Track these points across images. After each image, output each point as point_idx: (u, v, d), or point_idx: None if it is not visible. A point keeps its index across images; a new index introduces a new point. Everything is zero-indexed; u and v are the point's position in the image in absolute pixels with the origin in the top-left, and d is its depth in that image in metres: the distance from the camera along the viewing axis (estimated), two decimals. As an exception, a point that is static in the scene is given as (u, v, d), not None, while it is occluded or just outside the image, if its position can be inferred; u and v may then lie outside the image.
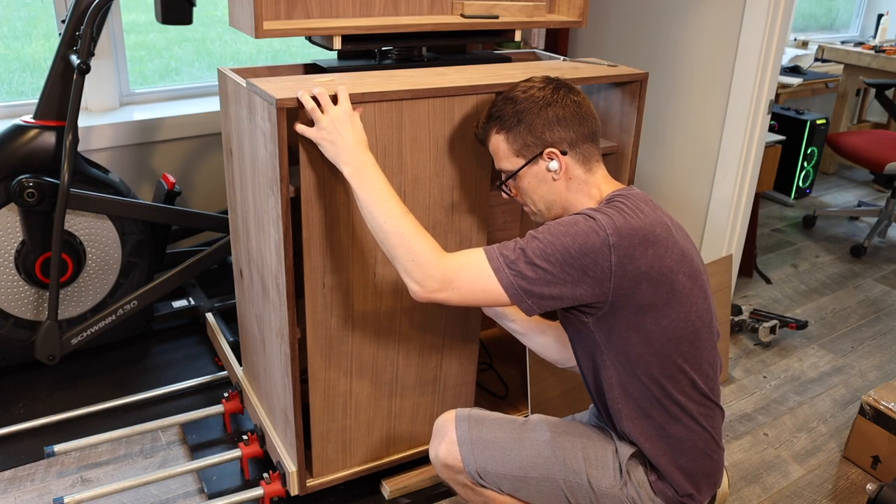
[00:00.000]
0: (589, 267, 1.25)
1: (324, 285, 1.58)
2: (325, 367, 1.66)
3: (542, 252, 1.26)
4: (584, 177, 1.40)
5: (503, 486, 1.43)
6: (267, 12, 1.62)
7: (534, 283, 1.27)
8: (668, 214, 1.38)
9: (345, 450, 1.78)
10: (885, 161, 3.37)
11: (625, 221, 1.27)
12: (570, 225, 1.27)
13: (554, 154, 1.37)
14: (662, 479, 1.39)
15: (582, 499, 1.40)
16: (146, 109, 2.77)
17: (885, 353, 2.68)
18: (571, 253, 1.25)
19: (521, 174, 1.41)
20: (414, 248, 1.31)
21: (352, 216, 1.56)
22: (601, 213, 1.29)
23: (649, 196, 1.39)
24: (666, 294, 1.29)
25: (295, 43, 3.55)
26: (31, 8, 2.98)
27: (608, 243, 1.25)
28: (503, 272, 1.27)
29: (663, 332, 1.31)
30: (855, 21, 5.17)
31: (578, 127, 1.38)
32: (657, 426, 1.37)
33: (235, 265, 1.95)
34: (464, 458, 1.42)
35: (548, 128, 1.37)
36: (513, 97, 1.40)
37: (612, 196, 1.36)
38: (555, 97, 1.38)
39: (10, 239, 2.14)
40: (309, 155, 1.46)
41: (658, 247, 1.28)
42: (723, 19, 2.57)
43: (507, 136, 1.41)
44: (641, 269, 1.26)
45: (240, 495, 1.82)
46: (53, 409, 2.17)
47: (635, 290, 1.27)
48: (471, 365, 1.87)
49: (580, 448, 1.42)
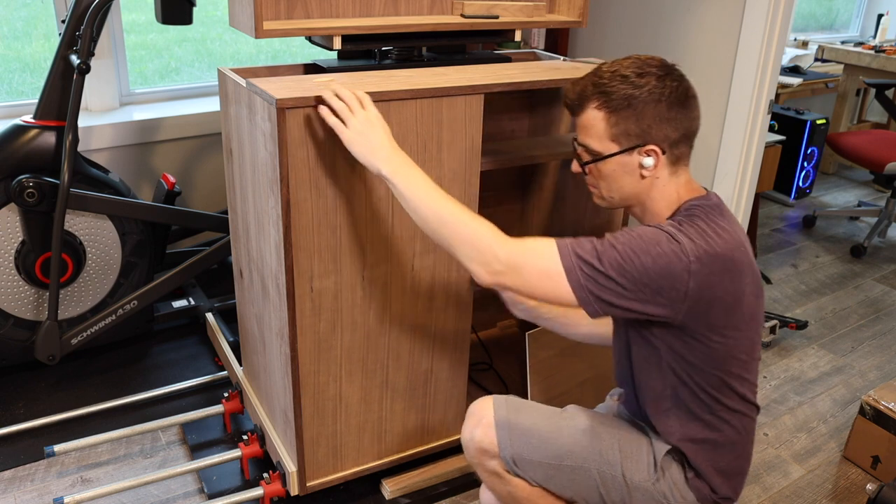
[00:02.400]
0: (665, 289, 1.21)
1: (311, 289, 1.58)
2: (314, 371, 1.66)
3: (618, 264, 1.20)
4: (669, 179, 1.32)
5: (536, 474, 1.41)
6: (267, 12, 1.62)
7: (604, 291, 1.21)
8: (735, 220, 1.34)
9: (335, 454, 1.78)
10: (885, 161, 3.37)
11: (708, 247, 1.22)
12: (653, 244, 1.21)
13: (653, 151, 1.28)
14: (700, 477, 1.39)
15: (614, 491, 1.40)
16: (146, 109, 2.77)
17: (885, 353, 2.68)
18: (649, 273, 1.20)
19: (609, 160, 1.31)
20: (474, 231, 1.24)
21: (339, 219, 1.56)
22: (685, 235, 1.22)
23: (722, 201, 1.33)
24: (736, 316, 1.28)
25: (295, 43, 3.55)
26: (31, 8, 2.98)
27: (688, 269, 1.20)
28: (574, 273, 1.21)
29: (727, 348, 1.30)
30: (855, 21, 5.17)
31: (686, 127, 1.29)
32: (701, 430, 1.37)
33: (235, 265, 1.95)
34: (500, 443, 1.41)
35: (656, 122, 1.26)
36: (627, 77, 1.27)
37: (690, 207, 1.30)
38: (672, 94, 1.27)
39: (10, 239, 2.14)
40: (295, 158, 1.46)
41: (735, 272, 1.25)
42: (723, 19, 2.57)
43: (608, 116, 1.29)
44: (717, 295, 1.23)
45: (240, 495, 1.82)
46: (53, 409, 2.17)
47: (708, 312, 1.25)
48: (462, 367, 1.87)
49: (616, 440, 1.41)
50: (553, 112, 2.14)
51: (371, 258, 1.63)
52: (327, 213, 1.53)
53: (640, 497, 1.39)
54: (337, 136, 1.45)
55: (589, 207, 2.09)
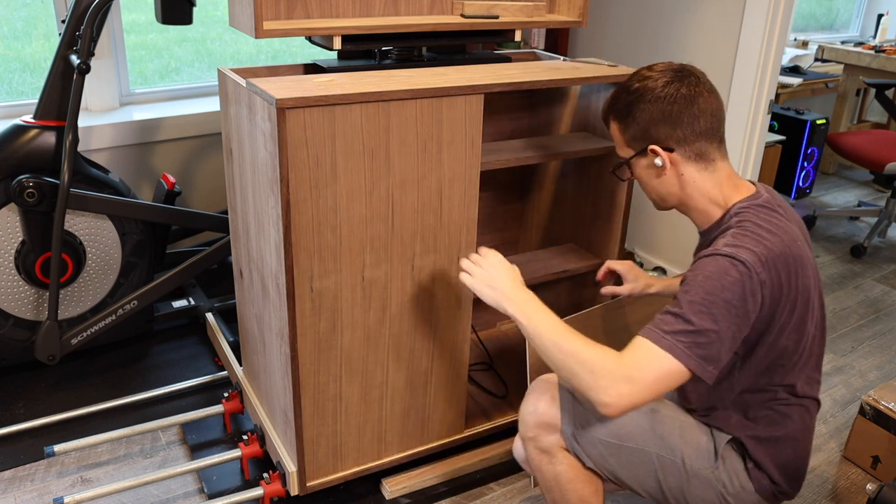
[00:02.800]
0: (751, 310, 1.24)
1: (311, 289, 1.58)
2: (314, 372, 1.66)
3: (709, 315, 1.21)
4: (699, 175, 1.36)
5: (594, 452, 1.41)
6: (267, 12, 1.62)
7: (710, 348, 1.22)
8: (794, 217, 1.37)
9: (335, 454, 1.78)
10: (885, 161, 3.37)
11: (767, 250, 1.25)
12: (722, 275, 1.22)
13: (657, 151, 1.35)
14: (760, 468, 1.40)
15: (671, 476, 1.40)
16: (146, 109, 2.77)
17: (885, 353, 2.68)
18: (735, 304, 1.22)
19: (633, 164, 1.42)
20: (590, 359, 1.25)
21: (339, 219, 1.56)
22: (743, 249, 1.24)
23: (772, 195, 1.37)
24: (803, 313, 1.32)
25: (295, 43, 3.55)
26: (31, 8, 2.98)
27: (760, 281, 1.23)
28: (676, 348, 1.21)
29: (795, 344, 1.33)
30: (855, 21, 5.17)
31: (689, 124, 1.32)
32: (764, 428, 1.39)
33: (235, 265, 1.95)
34: (563, 418, 1.41)
35: (653, 124, 1.34)
36: (628, 86, 1.38)
37: (740, 211, 1.32)
38: (665, 91, 1.32)
39: (10, 239, 2.14)
40: (295, 158, 1.46)
41: (797, 268, 1.29)
42: (723, 19, 2.57)
43: (619, 125, 1.41)
44: (784, 292, 1.28)
45: (240, 495, 1.82)
46: (53, 409, 2.17)
47: (778, 312, 1.29)
48: (462, 367, 1.87)
49: (678, 426, 1.42)
50: (553, 112, 2.14)
51: (371, 258, 1.63)
52: (327, 213, 1.53)
53: (697, 483, 1.39)
54: (336, 136, 1.46)
55: (589, 207, 2.09)
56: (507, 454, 2.04)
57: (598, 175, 2.03)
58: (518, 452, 1.58)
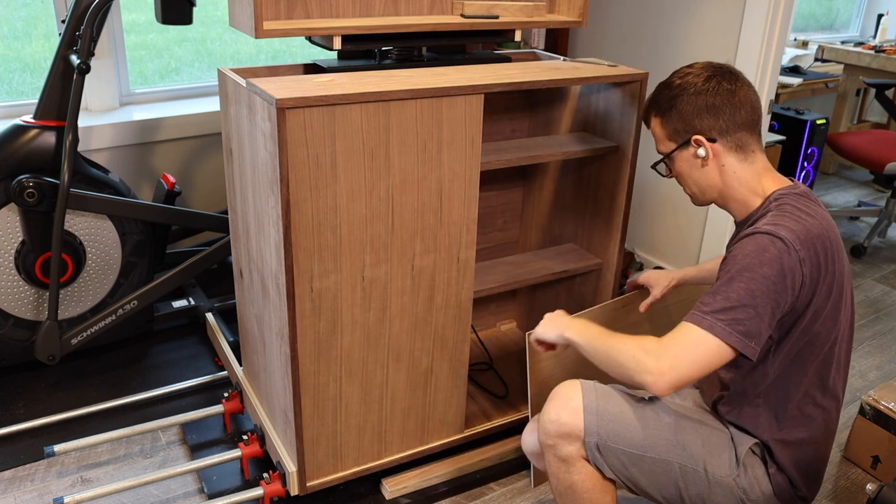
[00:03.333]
0: (790, 285, 1.27)
1: (311, 289, 1.58)
2: (314, 372, 1.66)
3: (747, 291, 1.25)
4: (739, 165, 1.41)
5: (616, 462, 1.42)
6: (267, 12, 1.62)
7: (750, 324, 1.25)
8: (823, 207, 1.42)
9: (335, 454, 1.78)
10: (885, 161, 3.37)
11: (805, 229, 1.29)
12: (761, 252, 1.27)
13: (700, 141, 1.40)
14: (782, 471, 1.41)
15: (692, 485, 1.41)
16: (146, 109, 2.77)
17: (885, 353, 2.68)
18: (773, 280, 1.25)
19: (674, 157, 1.46)
20: (633, 347, 1.32)
21: (339, 219, 1.56)
22: (783, 227, 1.28)
23: (809, 189, 1.41)
24: (837, 299, 1.34)
25: (295, 43, 3.55)
26: (31, 8, 2.98)
27: (800, 258, 1.27)
28: (717, 326, 1.25)
29: (828, 334, 1.35)
30: (855, 21, 5.17)
31: (731, 115, 1.39)
32: (792, 431, 1.40)
33: (235, 265, 1.95)
34: (587, 428, 1.41)
35: (697, 115, 1.40)
36: (669, 83, 1.44)
37: (779, 197, 1.37)
38: (707, 85, 1.39)
39: (10, 239, 2.14)
40: (295, 158, 1.46)
41: (834, 251, 1.32)
42: (723, 19, 2.57)
43: (661, 120, 1.46)
44: (821, 274, 1.30)
45: (240, 495, 1.82)
46: (53, 409, 2.17)
47: (815, 294, 1.31)
48: (462, 367, 1.87)
49: (699, 434, 1.42)
50: (553, 112, 2.14)
51: (371, 258, 1.63)
52: (327, 213, 1.53)
53: (719, 492, 1.40)
54: (336, 136, 1.48)
55: (589, 207, 2.09)
56: (507, 454, 2.04)
57: (598, 175, 2.03)
58: (527, 446, 1.59)
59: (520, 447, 2.04)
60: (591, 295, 2.14)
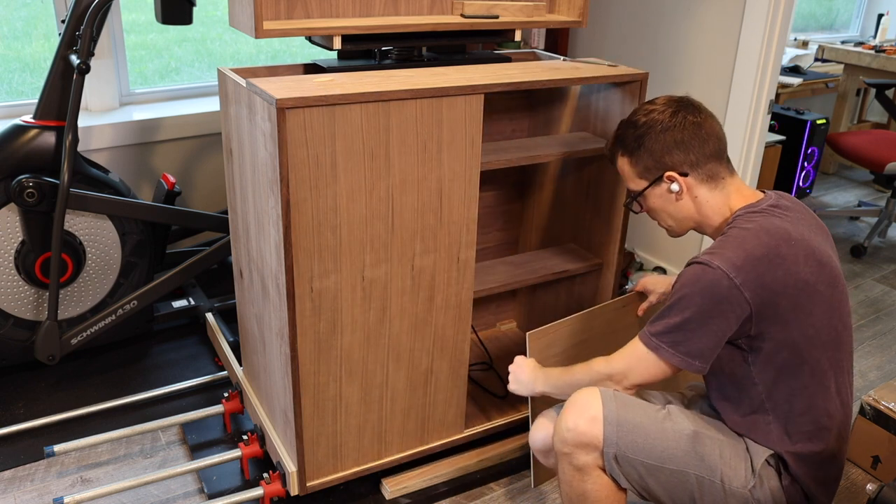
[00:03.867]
0: (726, 311, 1.31)
1: (311, 289, 1.58)
2: (314, 372, 1.66)
3: (683, 318, 1.33)
4: (711, 194, 1.44)
5: (633, 473, 1.42)
6: (267, 12, 1.62)
7: (689, 343, 1.34)
8: (805, 218, 1.41)
9: (335, 454, 1.78)
10: (885, 161, 3.36)
11: (744, 253, 1.31)
12: (695, 282, 1.32)
13: (673, 177, 1.43)
14: (797, 482, 1.41)
15: (709, 496, 1.40)
16: (146, 109, 2.77)
17: (885, 353, 2.68)
18: (708, 307, 1.31)
19: (647, 195, 1.49)
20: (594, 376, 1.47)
21: (339, 219, 1.56)
22: (718, 256, 1.32)
23: (779, 200, 1.41)
24: (806, 304, 1.34)
25: (295, 43, 3.55)
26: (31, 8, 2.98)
27: (735, 285, 1.30)
28: (662, 349, 1.36)
29: (809, 341, 1.35)
30: (855, 21, 5.17)
31: (700, 148, 1.42)
32: (805, 444, 1.39)
33: (235, 265, 1.95)
34: (606, 438, 1.40)
35: (666, 151, 1.42)
36: (634, 121, 1.46)
37: (734, 219, 1.40)
38: (673, 121, 1.42)
39: (10, 239, 2.14)
40: (295, 158, 1.46)
41: (787, 264, 1.32)
42: (723, 19, 2.57)
43: (630, 159, 1.48)
44: (776, 290, 1.32)
45: (240, 495, 1.82)
46: (53, 409, 2.17)
47: (775, 308, 1.32)
48: (462, 367, 1.87)
49: (717, 445, 1.42)
50: (553, 112, 2.14)
51: (371, 258, 1.63)
52: (327, 213, 1.53)
53: (734, 503, 1.40)
54: (336, 136, 1.48)
55: (589, 207, 2.09)
56: (507, 454, 2.04)
57: (598, 175, 2.03)
58: (536, 443, 1.58)
59: (520, 447, 2.04)
60: (591, 295, 2.14)
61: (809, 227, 1.39)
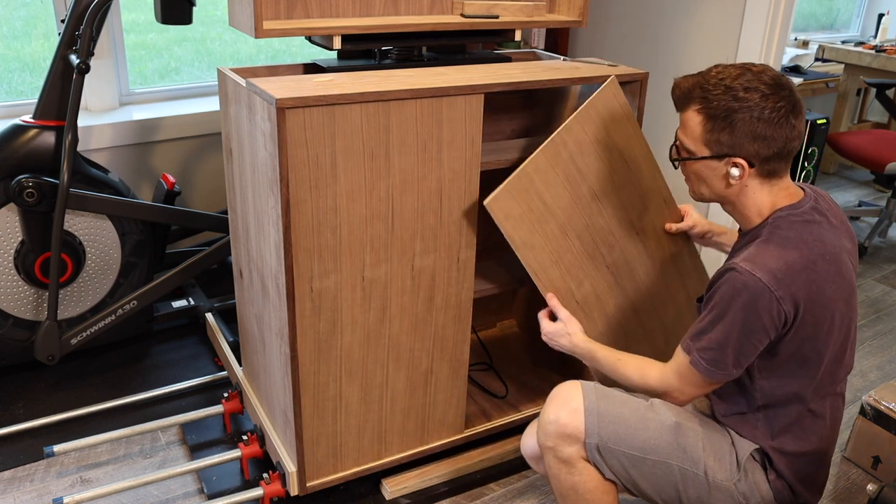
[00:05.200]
0: (769, 326, 1.29)
1: (311, 289, 1.58)
2: (314, 372, 1.66)
3: (724, 335, 1.31)
4: (761, 188, 1.36)
5: (616, 464, 1.42)
6: (267, 12, 1.62)
7: (729, 360, 1.33)
8: (840, 223, 1.38)
9: (335, 454, 1.78)
10: (885, 161, 3.36)
11: (785, 265, 1.27)
12: (736, 296, 1.28)
13: (740, 163, 1.33)
14: (782, 478, 1.41)
15: (692, 489, 1.41)
16: (146, 109, 2.76)
17: (885, 353, 2.68)
18: (749, 323, 1.29)
19: (701, 161, 1.37)
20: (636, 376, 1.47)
21: (339, 219, 1.55)
22: (759, 266, 1.27)
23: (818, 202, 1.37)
24: (826, 325, 1.32)
25: (295, 43, 3.55)
26: (31, 8, 2.98)
27: (776, 298, 1.27)
28: (701, 364, 1.34)
29: (819, 356, 1.34)
30: (855, 21, 5.17)
31: (780, 148, 1.32)
32: (791, 442, 1.39)
33: (235, 265, 1.95)
34: (587, 429, 1.41)
35: (750, 138, 1.30)
36: (732, 88, 1.30)
37: (776, 220, 1.34)
38: (774, 114, 1.29)
39: (9, 239, 2.14)
40: (295, 158, 1.45)
41: (820, 282, 1.30)
42: (723, 19, 2.57)
43: (705, 121, 1.33)
44: (804, 306, 1.29)
45: (240, 495, 1.82)
46: (53, 409, 2.17)
47: (798, 322, 1.30)
48: (462, 367, 1.87)
49: (701, 438, 1.42)
50: (553, 112, 2.14)
51: (371, 258, 1.62)
52: (327, 213, 1.53)
53: (719, 496, 1.40)
54: (336, 136, 1.48)
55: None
56: (507, 454, 2.04)
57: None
58: (527, 450, 1.58)
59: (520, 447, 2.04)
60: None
61: (838, 233, 1.36)
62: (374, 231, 1.60)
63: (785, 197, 1.37)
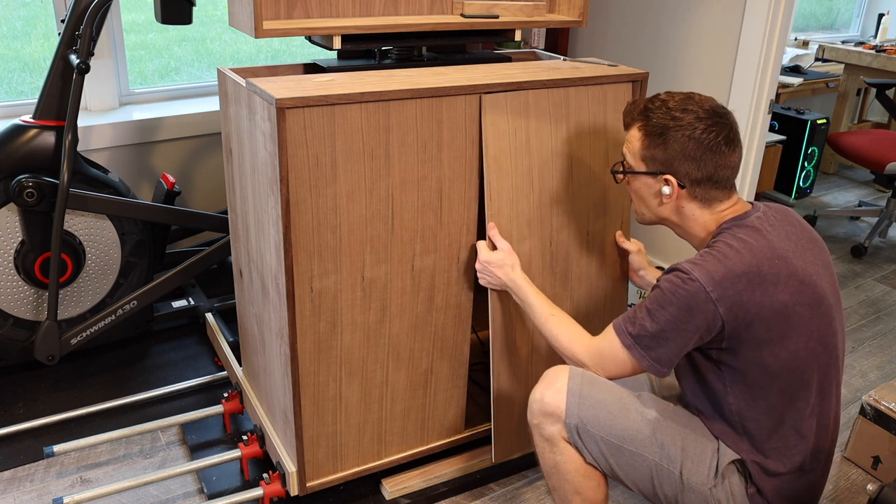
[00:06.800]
0: (700, 324, 1.31)
1: (311, 289, 1.58)
2: (314, 372, 1.66)
3: (657, 327, 1.34)
4: (699, 211, 1.41)
5: (594, 448, 1.44)
6: (267, 12, 1.62)
7: (660, 351, 1.35)
8: (794, 233, 1.38)
9: (335, 454, 1.78)
10: (885, 161, 3.36)
11: (724, 269, 1.29)
12: (673, 292, 1.32)
13: (671, 182, 1.40)
14: (761, 494, 1.40)
15: (667, 486, 1.42)
16: (146, 109, 2.76)
17: (885, 353, 2.68)
18: (681, 318, 1.31)
19: (638, 177, 1.45)
20: (565, 339, 1.51)
21: (339, 219, 1.55)
22: (700, 268, 1.31)
23: (765, 214, 1.38)
24: (782, 328, 1.32)
25: (295, 43, 3.55)
26: (31, 8, 2.98)
27: (711, 299, 1.29)
28: (635, 349, 1.37)
29: (782, 364, 1.34)
30: (855, 21, 5.17)
31: (711, 173, 1.37)
32: (774, 461, 1.39)
33: (235, 265, 1.95)
34: (568, 409, 1.44)
35: (680, 157, 1.37)
36: (672, 109, 1.38)
37: (720, 231, 1.38)
38: (705, 136, 1.35)
39: (9, 239, 2.14)
40: (295, 158, 1.45)
41: (766, 285, 1.30)
42: (723, 19, 2.57)
43: (644, 138, 1.42)
44: (751, 311, 1.30)
45: (240, 495, 1.82)
46: (53, 409, 2.17)
47: (749, 329, 1.31)
48: (462, 367, 1.87)
49: (681, 438, 1.43)
50: (553, 112, 2.14)
51: (371, 258, 1.62)
52: (327, 213, 1.53)
53: (692, 498, 1.40)
54: (336, 136, 1.48)
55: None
56: (507, 454, 2.03)
57: (599, 175, 2.03)
58: None
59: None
60: (592, 295, 2.14)
61: (797, 243, 1.36)
62: (374, 231, 1.60)
63: (730, 213, 1.42)
